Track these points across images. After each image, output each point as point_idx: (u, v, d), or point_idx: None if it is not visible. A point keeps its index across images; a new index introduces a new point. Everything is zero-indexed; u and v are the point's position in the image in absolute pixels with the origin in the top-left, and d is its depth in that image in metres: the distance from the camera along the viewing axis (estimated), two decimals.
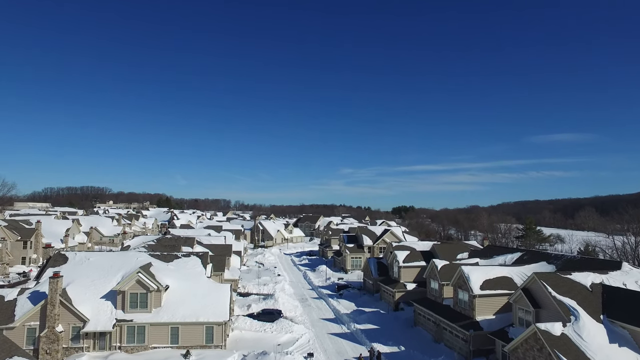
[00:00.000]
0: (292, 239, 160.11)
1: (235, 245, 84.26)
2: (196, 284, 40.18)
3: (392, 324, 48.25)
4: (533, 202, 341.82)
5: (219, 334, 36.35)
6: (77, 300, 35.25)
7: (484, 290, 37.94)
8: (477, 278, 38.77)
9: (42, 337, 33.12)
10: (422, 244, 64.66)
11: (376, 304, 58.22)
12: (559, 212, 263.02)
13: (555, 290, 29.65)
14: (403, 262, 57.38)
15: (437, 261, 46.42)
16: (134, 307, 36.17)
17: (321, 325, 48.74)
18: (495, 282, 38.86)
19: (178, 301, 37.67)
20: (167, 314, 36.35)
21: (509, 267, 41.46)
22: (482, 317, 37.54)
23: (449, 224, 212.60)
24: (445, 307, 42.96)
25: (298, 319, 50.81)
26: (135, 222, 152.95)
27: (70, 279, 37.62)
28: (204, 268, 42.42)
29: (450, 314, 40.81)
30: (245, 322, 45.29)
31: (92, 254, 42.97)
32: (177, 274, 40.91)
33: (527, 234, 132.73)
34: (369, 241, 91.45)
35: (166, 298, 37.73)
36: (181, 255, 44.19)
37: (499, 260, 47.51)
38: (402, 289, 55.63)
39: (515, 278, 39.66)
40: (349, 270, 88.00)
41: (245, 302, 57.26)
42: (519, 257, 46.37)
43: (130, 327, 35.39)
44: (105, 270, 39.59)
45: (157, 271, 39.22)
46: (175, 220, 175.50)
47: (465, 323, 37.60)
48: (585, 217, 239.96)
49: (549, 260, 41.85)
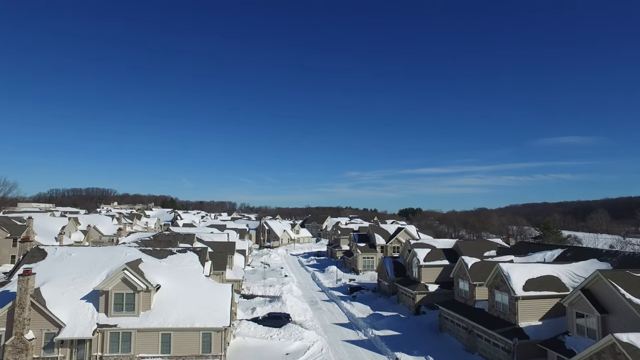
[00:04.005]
0: (299, 240, 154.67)
1: (240, 244, 79.12)
2: (192, 283, 34.94)
3: (414, 330, 42.74)
4: (541, 205, 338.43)
5: (218, 341, 31.04)
6: (52, 301, 30.10)
7: (527, 292, 32.37)
8: (519, 277, 33.23)
9: (8, 345, 27.95)
10: (443, 242, 59.08)
11: (394, 307, 52.68)
12: (569, 215, 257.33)
13: (629, 292, 24.09)
14: (424, 261, 51.80)
15: (467, 258, 40.85)
16: (119, 310, 30.98)
17: (334, 331, 43.32)
18: (540, 282, 33.27)
19: (171, 303, 32.43)
20: (158, 318, 31.10)
21: (553, 264, 35.83)
22: (527, 323, 31.95)
23: (459, 226, 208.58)
24: (478, 311, 37.41)
25: (308, 323, 45.47)
26: (137, 221, 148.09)
27: (47, 277, 32.56)
28: (202, 266, 37.14)
29: (485, 319, 35.24)
30: (249, 328, 40.00)
31: (75, 249, 37.86)
32: (171, 272, 35.71)
33: (545, 234, 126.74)
34: (382, 240, 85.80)
35: (157, 299, 32.51)
36: (176, 251, 38.95)
37: (536, 257, 41.84)
38: (423, 291, 50.05)
39: (562, 277, 34.06)
40: (361, 271, 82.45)
41: (249, 304, 51.99)
42: (560, 254, 40.69)
43: (114, 333, 30.18)
44: (88, 267, 34.48)
45: (148, 268, 34.04)
46: (178, 220, 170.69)
47: (507, 330, 32.02)
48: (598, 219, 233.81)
49: (600, 257, 36.15)
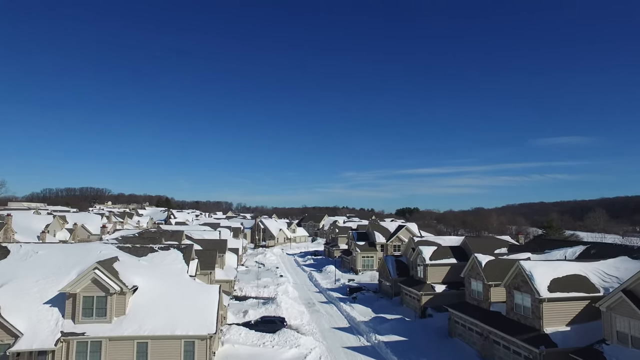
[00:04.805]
0: (295, 239, 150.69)
1: (233, 243, 75.06)
2: (175, 284, 30.94)
3: (421, 335, 38.96)
4: (539, 204, 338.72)
5: (203, 350, 27.09)
6: (9, 307, 26.00)
7: (553, 293, 28.65)
8: (543, 277, 29.52)
9: None
10: (449, 239, 55.37)
11: (397, 310, 48.93)
12: (566, 214, 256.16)
13: None
14: (430, 259, 48.04)
15: (480, 256, 37.09)
16: (89, 316, 26.96)
17: (334, 337, 39.51)
18: (567, 282, 29.56)
19: (149, 307, 28.43)
20: (134, 324, 27.09)
21: (579, 262, 32.11)
22: (553, 329, 28.24)
23: (458, 225, 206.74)
24: (494, 315, 33.67)
25: (305, 328, 41.66)
26: (128, 220, 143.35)
27: (6, 278, 28.49)
28: (187, 265, 33.15)
29: (504, 323, 31.52)
30: (239, 333, 36.07)
31: (43, 246, 33.74)
32: (151, 272, 31.69)
33: (548, 233, 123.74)
34: (382, 238, 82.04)
35: (133, 303, 28.51)
36: (158, 249, 34.92)
37: (556, 255, 38.18)
38: (429, 292, 46.32)
39: (591, 277, 30.37)
40: (360, 271, 78.67)
41: (241, 307, 48.08)
42: (583, 250, 37.08)
43: (82, 342, 26.17)
44: (56, 267, 30.38)
45: (124, 267, 30.02)
46: (172, 219, 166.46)
47: (530, 336, 28.29)
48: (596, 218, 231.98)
49: (630, 254, 32.50)
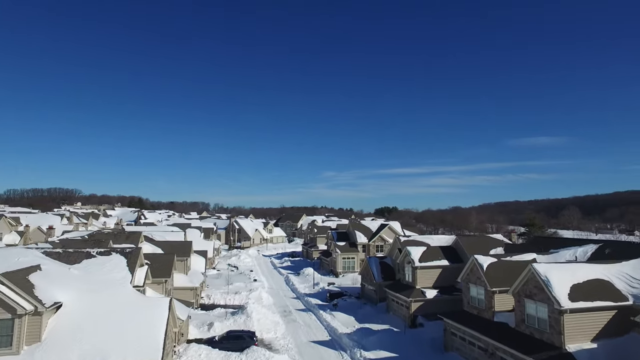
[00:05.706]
0: (272, 239, 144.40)
1: (202, 244, 68.64)
2: (112, 298, 24.74)
3: (413, 349, 33.72)
4: (514, 203, 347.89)
5: None
6: None
7: (576, 302, 23.83)
8: (561, 282, 24.69)
9: None
10: (438, 239, 50.54)
11: (383, 318, 43.66)
12: (541, 212, 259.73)
13: None
14: (419, 261, 43.03)
15: (481, 257, 32.12)
16: None
17: (312, 353, 33.90)
18: (589, 289, 24.84)
19: (75, 330, 22.17)
20: (51, 354, 20.78)
21: (599, 264, 27.44)
22: (577, 346, 23.42)
23: (437, 224, 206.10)
24: (501, 327, 28.74)
25: (279, 342, 35.98)
26: (93, 221, 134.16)
27: None
28: (130, 272, 27.00)
29: (513, 337, 26.58)
30: (199, 354, 30.01)
31: None
32: (83, 283, 25.38)
33: (531, 231, 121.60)
34: (364, 238, 76.93)
35: (54, 325, 22.19)
36: (96, 253, 28.62)
37: (564, 255, 33.60)
38: (420, 298, 41.26)
39: (615, 282, 25.77)
40: (341, 273, 73.33)
41: (206, 318, 41.90)
42: (595, 250, 32.62)
43: None
44: None
45: (46, 279, 23.66)
46: (142, 219, 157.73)
47: (551, 356, 23.39)
48: (569, 216, 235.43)
49: None
